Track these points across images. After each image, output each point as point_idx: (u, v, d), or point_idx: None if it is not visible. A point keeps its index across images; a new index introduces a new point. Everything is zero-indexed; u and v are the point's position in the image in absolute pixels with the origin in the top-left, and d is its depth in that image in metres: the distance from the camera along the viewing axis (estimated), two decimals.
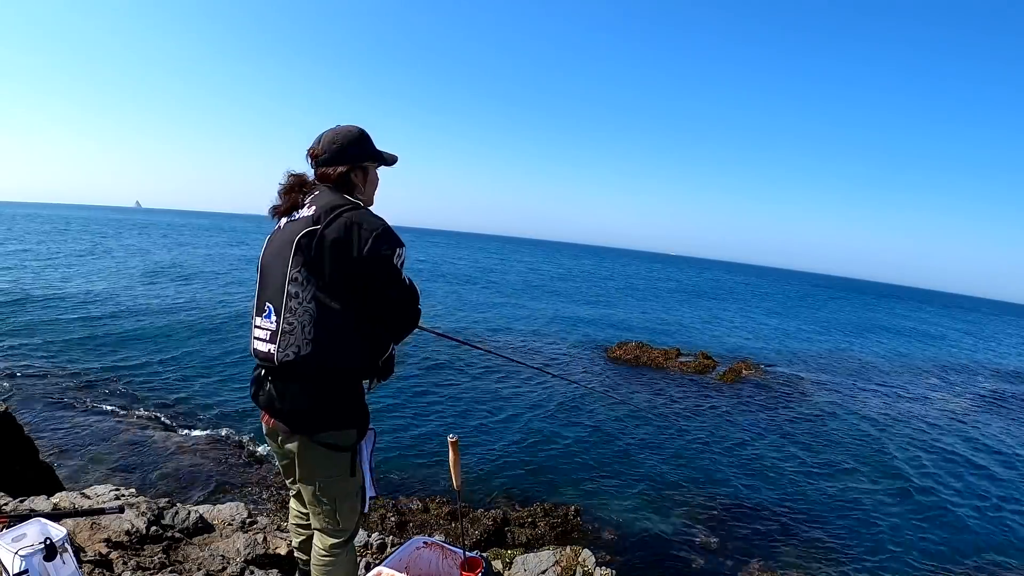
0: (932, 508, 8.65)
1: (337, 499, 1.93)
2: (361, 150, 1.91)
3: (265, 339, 1.79)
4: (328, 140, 1.89)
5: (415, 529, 6.13)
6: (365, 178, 1.94)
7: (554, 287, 38.00)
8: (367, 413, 1.94)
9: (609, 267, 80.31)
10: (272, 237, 1.87)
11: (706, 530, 7.11)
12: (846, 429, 12.13)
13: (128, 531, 2.86)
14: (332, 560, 1.99)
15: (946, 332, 40.86)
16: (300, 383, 1.77)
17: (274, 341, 1.76)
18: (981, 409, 15.82)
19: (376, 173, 2.00)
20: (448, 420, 10.08)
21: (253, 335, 1.85)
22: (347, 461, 1.89)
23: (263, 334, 1.80)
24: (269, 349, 1.77)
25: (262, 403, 1.87)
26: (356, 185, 1.91)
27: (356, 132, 1.92)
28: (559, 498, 7.39)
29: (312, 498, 1.94)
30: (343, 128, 1.92)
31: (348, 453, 1.88)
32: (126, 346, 12.62)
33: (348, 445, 1.88)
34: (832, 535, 7.40)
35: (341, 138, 1.89)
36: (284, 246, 1.77)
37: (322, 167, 1.89)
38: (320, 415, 1.80)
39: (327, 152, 1.88)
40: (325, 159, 1.88)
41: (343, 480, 1.91)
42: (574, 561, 3.34)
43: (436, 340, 15.87)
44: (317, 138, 1.92)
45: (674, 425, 11.12)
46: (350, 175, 1.89)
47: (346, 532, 2.00)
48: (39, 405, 8.80)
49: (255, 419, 8.86)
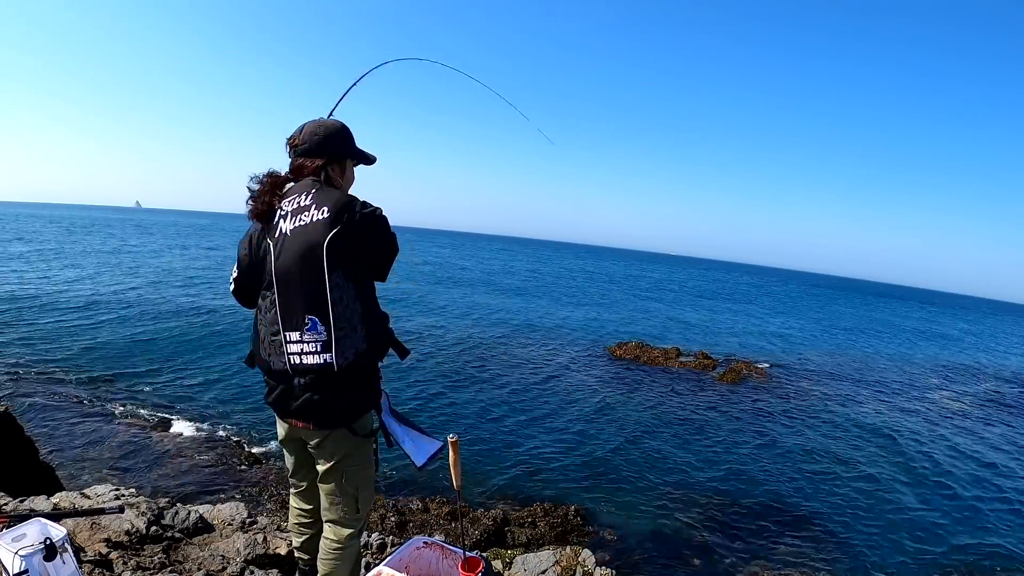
0: (933, 508, 8.65)
1: (359, 486, 1.99)
2: (342, 145, 1.90)
3: (315, 351, 1.74)
4: (310, 131, 1.86)
5: (415, 529, 6.13)
6: (343, 174, 1.93)
7: (554, 287, 38.01)
8: (380, 386, 2.01)
9: (609, 267, 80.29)
10: (277, 245, 1.77)
11: (706, 530, 7.11)
12: (846, 429, 12.13)
13: (128, 531, 2.86)
14: (344, 552, 2.02)
15: (947, 331, 40.86)
16: (350, 381, 1.80)
17: (329, 350, 1.73)
18: (982, 408, 15.82)
19: (353, 171, 1.99)
20: (448, 420, 10.08)
21: (286, 351, 1.77)
22: (370, 444, 1.98)
23: (311, 347, 1.74)
24: (325, 359, 1.73)
25: (294, 412, 1.85)
26: (333, 179, 1.89)
27: (339, 126, 1.90)
28: (559, 498, 7.39)
29: (334, 489, 1.96)
30: (326, 121, 1.91)
31: (372, 438, 1.98)
32: (127, 347, 12.63)
33: (372, 428, 1.97)
34: (832, 535, 7.40)
35: (323, 130, 1.86)
36: (308, 253, 1.71)
37: (300, 157, 1.86)
38: (356, 405, 1.87)
39: (307, 143, 1.85)
40: (304, 149, 1.85)
41: (365, 468, 1.99)
42: (574, 561, 3.34)
43: (435, 341, 15.88)
44: (299, 127, 1.90)
45: (674, 425, 11.12)
46: (327, 169, 1.86)
47: (360, 521, 2.06)
48: (39, 405, 8.80)
49: (255, 419, 8.89)
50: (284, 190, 1.86)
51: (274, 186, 1.85)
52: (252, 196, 1.85)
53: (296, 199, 1.80)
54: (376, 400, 1.94)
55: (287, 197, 1.83)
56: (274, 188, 1.84)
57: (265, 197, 1.83)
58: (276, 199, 1.83)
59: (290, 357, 1.77)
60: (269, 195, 1.83)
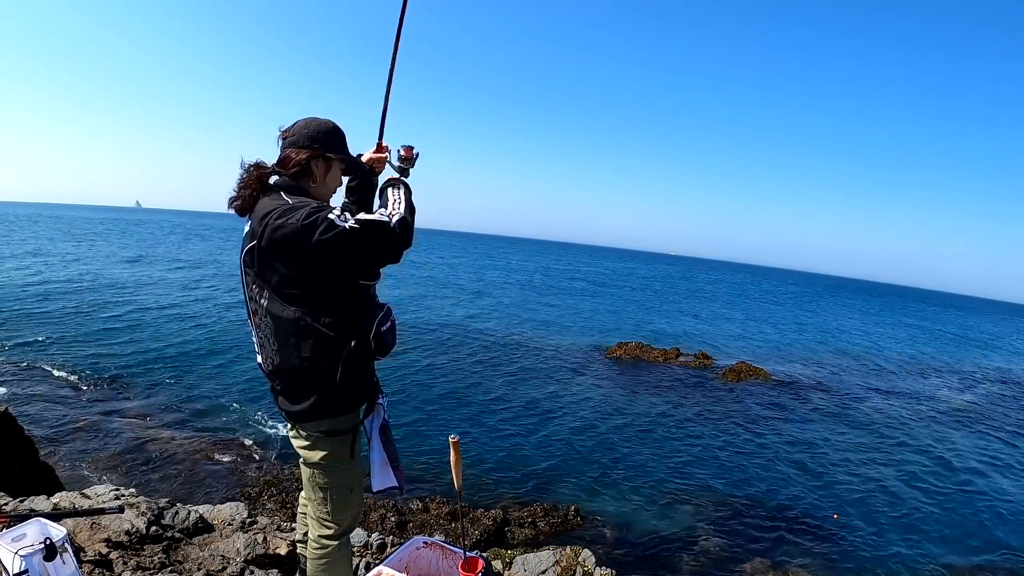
0: (933, 508, 8.65)
1: (329, 489, 1.94)
2: (329, 141, 1.86)
3: (257, 351, 1.90)
4: (301, 124, 1.85)
5: (415, 529, 6.14)
6: (327, 172, 1.89)
7: (554, 288, 38.01)
8: (367, 392, 1.93)
9: (609, 268, 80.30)
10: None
11: (706, 530, 7.11)
12: (847, 429, 12.13)
13: (128, 531, 2.86)
14: (323, 553, 1.99)
15: (946, 331, 40.87)
16: (291, 388, 1.84)
17: (260, 353, 1.88)
18: (988, 408, 15.81)
19: (339, 173, 1.95)
20: (449, 420, 10.08)
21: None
22: (346, 445, 1.91)
23: (256, 346, 1.90)
24: (259, 361, 1.91)
25: (278, 405, 1.96)
26: (315, 175, 1.85)
27: (331, 124, 1.89)
28: (559, 498, 7.39)
29: (308, 485, 1.99)
30: (322, 119, 1.90)
31: (347, 436, 1.90)
32: (127, 347, 12.63)
33: (345, 429, 1.90)
34: (833, 534, 7.39)
35: (314, 126, 1.85)
36: (240, 264, 1.83)
37: (287, 148, 1.83)
38: (317, 410, 1.84)
39: (295, 135, 1.83)
40: (292, 140, 1.83)
41: (339, 471, 1.93)
42: (574, 561, 3.34)
43: (436, 342, 15.88)
44: (293, 122, 1.89)
45: (674, 425, 11.12)
46: (311, 163, 1.82)
47: (336, 526, 1.98)
48: (40, 406, 8.80)
49: (255, 419, 8.89)
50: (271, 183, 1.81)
51: (259, 178, 1.80)
52: (236, 187, 1.81)
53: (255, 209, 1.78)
54: (349, 404, 1.88)
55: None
56: (259, 179, 1.80)
57: (246, 191, 1.78)
58: (261, 193, 1.79)
59: (256, 353, 1.92)
60: (251, 188, 1.78)
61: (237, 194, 1.79)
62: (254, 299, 1.80)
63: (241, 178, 1.80)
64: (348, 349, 1.78)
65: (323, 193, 1.89)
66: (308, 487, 2.00)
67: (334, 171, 1.92)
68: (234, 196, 1.79)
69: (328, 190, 1.92)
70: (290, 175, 1.82)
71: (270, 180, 1.83)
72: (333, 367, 1.77)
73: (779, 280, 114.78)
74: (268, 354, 1.83)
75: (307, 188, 1.84)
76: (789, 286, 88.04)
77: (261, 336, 1.83)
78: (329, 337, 1.75)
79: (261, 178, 1.81)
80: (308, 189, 1.84)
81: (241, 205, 1.79)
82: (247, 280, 1.82)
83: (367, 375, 1.91)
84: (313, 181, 1.85)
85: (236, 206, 1.79)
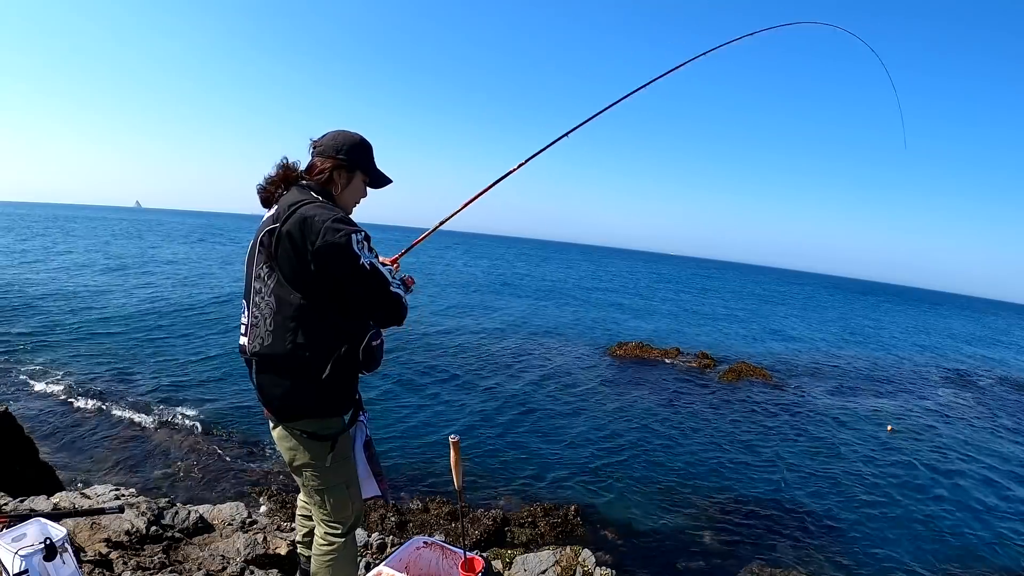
0: (934, 508, 8.63)
1: (324, 490, 1.98)
2: (355, 155, 1.96)
3: (243, 333, 1.91)
4: (332, 136, 1.97)
5: (415, 529, 6.13)
6: (348, 183, 1.97)
7: (554, 288, 38.00)
8: (353, 403, 1.99)
9: (609, 267, 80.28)
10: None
11: (706, 530, 7.10)
12: (848, 429, 12.12)
13: (128, 531, 2.86)
14: (329, 550, 2.02)
15: (948, 330, 40.87)
16: (271, 373, 1.85)
17: (247, 335, 1.88)
18: (990, 408, 15.80)
19: (362, 184, 2.02)
20: (449, 420, 10.08)
21: (240, 326, 1.97)
22: (327, 450, 1.93)
23: (242, 328, 1.92)
24: (243, 342, 1.90)
25: (257, 394, 1.97)
26: (337, 184, 1.95)
27: (359, 139, 1.99)
28: (559, 498, 7.39)
29: (304, 488, 2.02)
30: (351, 132, 2.00)
31: (328, 442, 1.92)
32: (126, 346, 12.63)
33: (328, 434, 1.92)
34: (833, 534, 7.39)
35: (343, 138, 1.97)
36: (253, 244, 1.89)
37: (315, 156, 1.96)
38: (294, 404, 1.86)
39: (324, 145, 1.95)
40: (320, 150, 1.95)
41: (327, 472, 1.95)
42: (574, 561, 3.34)
43: (436, 342, 15.88)
44: (324, 133, 2.01)
45: (674, 425, 11.11)
46: (334, 173, 1.94)
47: (340, 525, 2.02)
48: (40, 405, 8.80)
49: (255, 419, 8.88)
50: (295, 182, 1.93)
51: (286, 177, 1.93)
52: (264, 179, 1.96)
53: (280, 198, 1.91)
54: (329, 411, 1.91)
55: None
56: (286, 178, 1.93)
57: (271, 186, 1.93)
58: (276, 193, 1.92)
59: (241, 335, 1.94)
60: (277, 184, 1.93)
61: (264, 186, 1.95)
62: (260, 278, 1.83)
63: (272, 173, 1.94)
64: (339, 351, 1.83)
65: (346, 202, 1.99)
66: (305, 492, 2.03)
67: (356, 183, 2.00)
68: (262, 186, 1.95)
69: (350, 200, 2.01)
70: (315, 181, 1.93)
71: (299, 182, 1.95)
72: (321, 363, 1.81)
73: (783, 281, 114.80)
74: (258, 334, 1.83)
75: (332, 194, 1.94)
76: (793, 287, 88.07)
77: (255, 316, 1.85)
78: (326, 332, 1.80)
79: (288, 177, 1.93)
80: (333, 196, 1.95)
81: (266, 196, 1.93)
82: (257, 259, 1.85)
83: (351, 384, 1.95)
84: (336, 190, 1.95)
85: (261, 196, 1.95)
